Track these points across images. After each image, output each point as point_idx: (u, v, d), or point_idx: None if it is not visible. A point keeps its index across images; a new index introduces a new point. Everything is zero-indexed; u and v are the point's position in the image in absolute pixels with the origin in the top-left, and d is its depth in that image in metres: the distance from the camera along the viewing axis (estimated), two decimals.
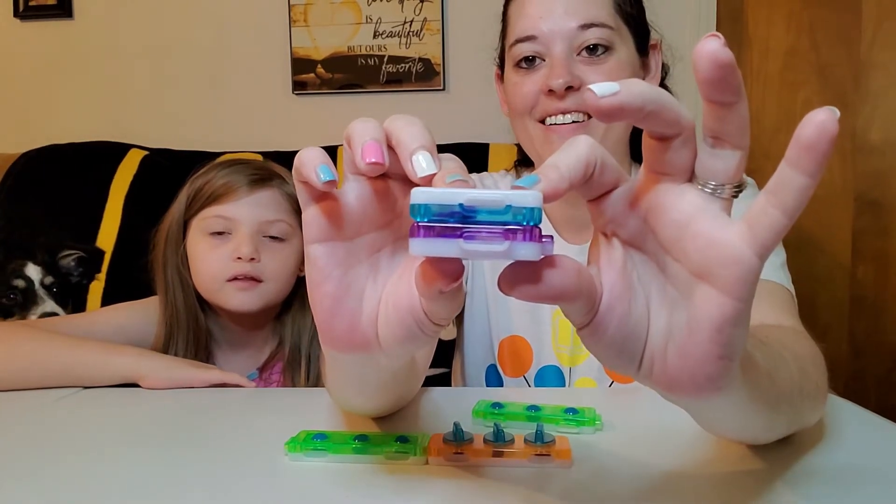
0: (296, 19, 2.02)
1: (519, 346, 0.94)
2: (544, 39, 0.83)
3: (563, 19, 0.82)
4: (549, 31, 0.82)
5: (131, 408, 0.81)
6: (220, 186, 0.98)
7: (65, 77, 2.12)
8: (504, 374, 0.95)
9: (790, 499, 0.51)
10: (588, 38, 0.82)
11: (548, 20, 0.82)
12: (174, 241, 1.01)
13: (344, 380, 0.54)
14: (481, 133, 1.78)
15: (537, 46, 0.83)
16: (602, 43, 0.82)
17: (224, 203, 0.97)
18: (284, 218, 0.99)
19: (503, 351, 0.95)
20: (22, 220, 1.65)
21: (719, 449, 0.62)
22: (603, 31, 0.82)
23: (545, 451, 0.56)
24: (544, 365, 0.93)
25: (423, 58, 1.99)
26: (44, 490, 0.56)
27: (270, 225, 0.98)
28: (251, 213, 0.97)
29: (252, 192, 0.97)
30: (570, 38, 0.82)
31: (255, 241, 0.97)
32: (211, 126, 2.07)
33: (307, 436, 0.61)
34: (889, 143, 1.73)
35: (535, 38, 0.83)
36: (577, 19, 0.82)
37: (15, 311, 1.17)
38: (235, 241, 0.96)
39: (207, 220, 0.98)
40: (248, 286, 0.96)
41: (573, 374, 0.92)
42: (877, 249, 1.76)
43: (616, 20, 0.84)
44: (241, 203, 0.97)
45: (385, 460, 0.58)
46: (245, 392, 0.88)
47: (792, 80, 1.84)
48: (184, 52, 2.08)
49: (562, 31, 0.82)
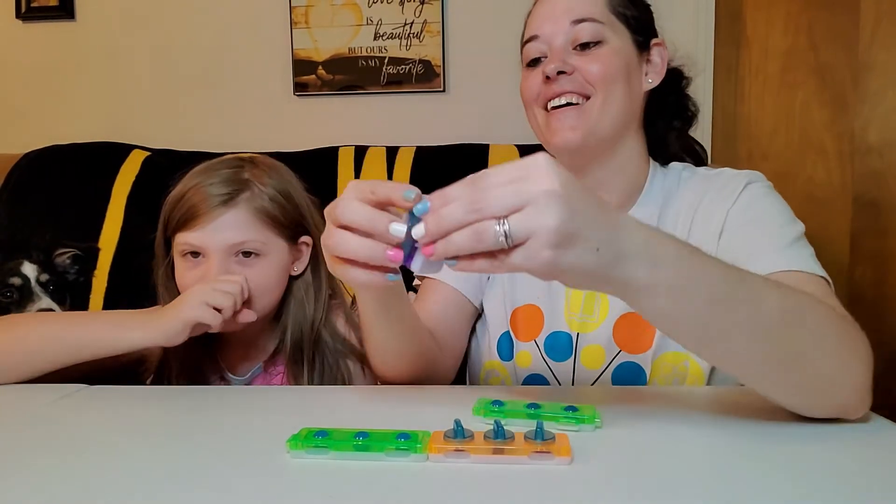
0: (297, 21, 2.02)
1: (532, 313, 0.98)
2: (546, 38, 0.93)
3: (560, 17, 0.92)
4: (549, 28, 0.92)
5: (133, 406, 0.81)
6: (185, 212, 0.95)
7: (67, 78, 2.13)
8: (517, 338, 0.98)
9: (790, 496, 0.52)
10: (579, 32, 0.91)
11: (549, 20, 0.93)
12: (161, 257, 1.01)
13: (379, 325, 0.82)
14: (481, 134, 1.78)
15: (541, 45, 0.93)
16: (593, 39, 0.91)
17: (191, 230, 0.94)
18: (254, 237, 0.96)
19: (516, 318, 0.98)
20: (24, 220, 1.65)
21: (718, 447, 0.62)
22: (593, 25, 0.91)
23: (545, 449, 0.57)
24: (555, 330, 0.96)
25: (424, 59, 1.99)
26: (46, 487, 0.56)
27: (240, 245, 0.95)
28: (217, 238, 0.94)
29: (218, 216, 0.94)
30: (566, 33, 0.92)
31: (227, 265, 0.94)
32: (213, 127, 2.08)
33: (308, 433, 0.61)
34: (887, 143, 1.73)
35: (538, 38, 0.93)
36: (571, 16, 0.91)
37: (11, 309, 1.17)
38: (205, 267, 0.94)
39: (180, 245, 0.96)
40: None
41: (581, 341, 0.95)
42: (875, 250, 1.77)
43: (608, 16, 0.92)
44: (207, 230, 0.94)
45: (386, 457, 0.59)
46: (247, 390, 0.89)
47: (791, 81, 1.84)
48: (186, 53, 2.08)
49: (558, 27, 0.92)
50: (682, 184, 0.97)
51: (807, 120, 1.81)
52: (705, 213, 0.92)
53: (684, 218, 0.94)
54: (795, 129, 1.82)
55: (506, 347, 0.98)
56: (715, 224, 0.90)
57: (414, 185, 0.57)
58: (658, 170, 0.99)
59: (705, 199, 0.93)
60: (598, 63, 0.90)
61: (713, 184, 0.94)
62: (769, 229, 0.86)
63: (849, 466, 0.58)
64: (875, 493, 0.53)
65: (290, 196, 1.01)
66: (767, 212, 0.89)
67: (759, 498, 0.51)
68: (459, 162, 1.63)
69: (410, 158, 1.66)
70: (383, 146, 1.72)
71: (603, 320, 0.94)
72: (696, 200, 0.94)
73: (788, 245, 0.83)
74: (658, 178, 0.98)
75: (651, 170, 0.99)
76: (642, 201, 0.97)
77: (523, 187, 0.51)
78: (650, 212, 0.95)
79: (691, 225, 0.93)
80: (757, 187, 0.92)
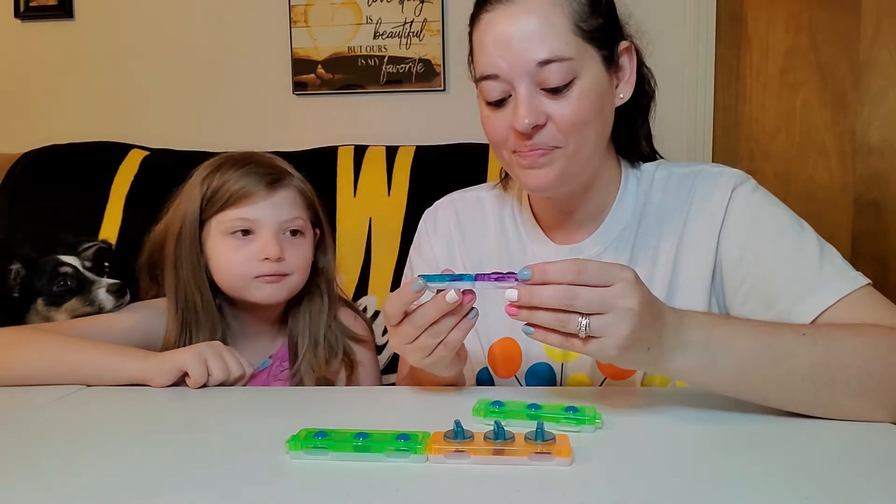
0: (296, 20, 2.02)
1: (509, 348, 0.94)
2: (506, 76, 0.80)
3: (521, 56, 0.79)
4: (509, 69, 0.80)
5: (134, 407, 0.81)
6: (238, 190, 1.01)
7: (65, 77, 2.12)
8: (496, 375, 0.96)
9: (791, 496, 0.51)
10: (548, 76, 0.79)
11: (506, 57, 0.79)
12: (189, 240, 1.03)
13: None
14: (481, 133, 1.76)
15: (502, 84, 0.81)
16: (563, 82, 0.79)
17: (244, 206, 1.01)
18: (300, 214, 1.05)
19: (493, 354, 0.95)
20: (22, 220, 1.65)
21: (719, 447, 0.62)
22: (562, 65, 0.78)
23: (546, 450, 0.56)
24: (535, 363, 0.93)
25: (424, 58, 1.99)
26: (46, 487, 0.56)
27: (290, 222, 1.04)
28: (272, 215, 1.02)
29: (271, 195, 1.02)
30: (531, 74, 0.79)
31: (279, 240, 1.01)
32: (212, 126, 2.07)
33: (308, 434, 0.61)
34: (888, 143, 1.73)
35: (497, 77, 0.81)
36: (535, 54, 0.78)
37: (67, 297, 1.11)
38: (260, 242, 1.01)
39: (228, 223, 1.01)
40: (276, 280, 1.02)
41: (566, 370, 0.93)
42: (876, 250, 1.77)
43: (576, 44, 0.79)
44: (261, 206, 1.01)
45: (386, 458, 0.58)
46: (246, 391, 0.88)
47: (791, 81, 1.84)
48: (184, 52, 2.08)
49: (521, 68, 0.79)
50: (656, 184, 0.92)
51: (808, 120, 1.81)
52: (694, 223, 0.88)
53: (670, 227, 0.89)
54: (796, 129, 1.82)
55: (486, 384, 0.96)
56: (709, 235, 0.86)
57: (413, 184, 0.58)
58: (630, 175, 0.94)
59: (691, 206, 0.88)
60: (571, 108, 0.80)
61: (697, 186, 0.89)
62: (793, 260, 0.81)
63: (849, 466, 0.58)
64: (875, 493, 0.52)
65: (307, 184, 1.10)
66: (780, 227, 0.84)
67: (761, 498, 0.51)
68: (459, 161, 1.62)
69: (410, 158, 1.66)
70: (383, 146, 1.71)
71: None
72: (680, 208, 0.89)
73: (819, 269, 0.79)
74: (631, 184, 0.93)
75: (623, 178, 0.93)
76: (615, 213, 0.92)
77: (610, 299, 0.63)
78: (625, 222, 0.91)
79: (681, 235, 0.88)
80: (748, 191, 0.87)
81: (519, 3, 0.80)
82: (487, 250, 0.98)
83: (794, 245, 0.82)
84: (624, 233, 0.91)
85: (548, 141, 0.81)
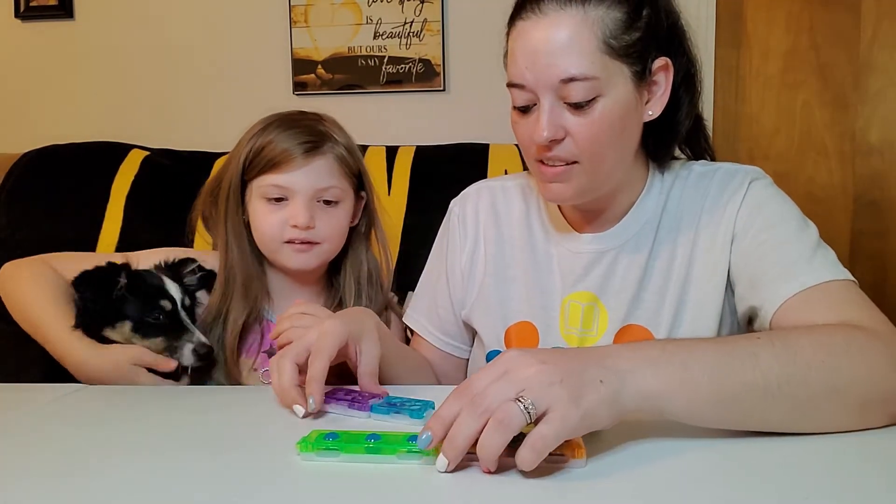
0: (296, 20, 2.02)
1: (526, 330, 0.96)
2: (531, 87, 0.82)
3: (545, 71, 0.80)
4: (534, 81, 0.81)
5: (133, 406, 0.81)
6: (277, 154, 1.02)
7: (65, 77, 2.12)
8: None
9: (793, 497, 0.52)
10: (571, 92, 0.80)
11: (532, 70, 0.81)
12: (234, 200, 1.06)
13: None
14: (481, 133, 1.77)
15: (528, 94, 0.83)
16: (585, 98, 0.80)
17: (280, 172, 1.02)
18: (336, 183, 1.05)
19: (510, 336, 0.97)
20: (22, 220, 1.64)
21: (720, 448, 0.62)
22: (585, 84, 0.79)
23: (559, 451, 0.56)
24: (551, 347, 0.94)
25: (424, 58, 1.99)
26: (46, 487, 0.55)
27: (324, 191, 1.03)
28: (307, 182, 1.02)
29: (307, 162, 1.02)
30: (555, 89, 0.81)
31: (311, 208, 1.02)
32: (212, 126, 2.06)
33: (319, 435, 0.61)
34: (888, 143, 1.73)
35: (523, 87, 0.83)
36: (559, 71, 0.79)
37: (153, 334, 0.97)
38: (292, 208, 1.02)
39: (264, 188, 1.03)
40: (305, 248, 1.03)
41: None
42: (875, 250, 1.77)
43: (602, 62, 0.80)
44: (296, 173, 1.02)
45: (397, 460, 0.58)
46: (256, 391, 0.88)
47: (791, 81, 1.85)
48: (184, 52, 2.08)
49: (545, 82, 0.81)
50: (678, 182, 0.94)
51: (808, 120, 1.82)
52: (710, 218, 0.89)
53: (687, 223, 0.91)
54: (796, 130, 1.82)
55: None
56: (724, 229, 0.88)
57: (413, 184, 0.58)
58: (656, 176, 0.95)
59: (707, 202, 0.90)
60: (591, 126, 0.81)
61: (713, 182, 0.91)
62: (790, 245, 0.83)
63: (849, 467, 0.58)
64: (875, 493, 0.53)
65: (354, 149, 1.10)
66: (783, 217, 0.86)
67: (764, 498, 0.51)
68: (459, 162, 1.62)
69: (410, 158, 1.66)
70: (383, 146, 1.71)
71: (603, 333, 0.92)
72: (697, 204, 0.91)
73: (811, 256, 0.81)
74: (656, 185, 0.94)
75: (649, 178, 0.94)
76: (637, 210, 0.93)
77: (513, 377, 0.56)
78: (646, 219, 0.92)
79: (696, 230, 0.90)
80: (761, 186, 0.90)
81: (550, 16, 0.81)
82: (512, 238, 1.01)
83: (792, 235, 0.84)
84: (645, 228, 0.93)
85: (566, 155, 0.83)
